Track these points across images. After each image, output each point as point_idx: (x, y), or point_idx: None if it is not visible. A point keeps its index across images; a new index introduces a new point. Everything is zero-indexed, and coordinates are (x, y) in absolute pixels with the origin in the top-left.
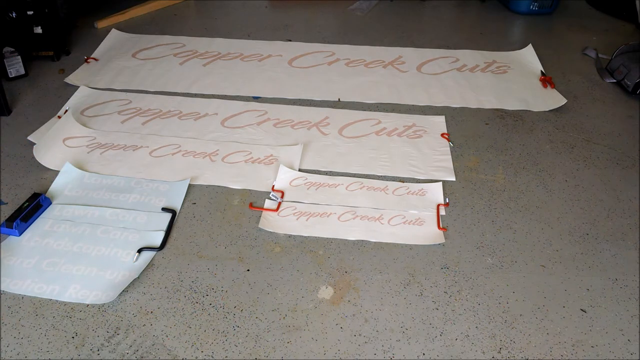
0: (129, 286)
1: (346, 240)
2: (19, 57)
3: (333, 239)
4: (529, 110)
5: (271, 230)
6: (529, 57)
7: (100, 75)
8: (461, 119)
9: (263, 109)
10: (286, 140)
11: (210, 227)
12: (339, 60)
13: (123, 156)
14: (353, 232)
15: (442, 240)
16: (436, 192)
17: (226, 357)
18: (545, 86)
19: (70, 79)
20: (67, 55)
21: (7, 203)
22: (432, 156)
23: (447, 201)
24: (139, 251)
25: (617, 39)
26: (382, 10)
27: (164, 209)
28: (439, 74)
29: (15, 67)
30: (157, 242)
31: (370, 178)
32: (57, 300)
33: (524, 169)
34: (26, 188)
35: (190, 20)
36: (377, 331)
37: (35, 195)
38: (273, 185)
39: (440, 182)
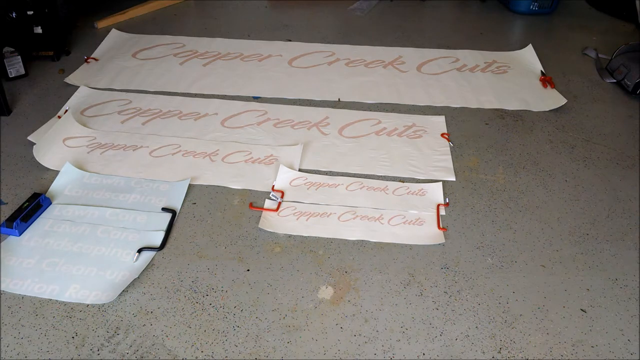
0: (129, 286)
1: (346, 240)
2: (19, 57)
3: (333, 239)
4: (529, 110)
5: (271, 230)
6: (529, 57)
7: (100, 75)
8: (461, 119)
9: (263, 109)
10: (286, 140)
11: (210, 227)
12: (339, 60)
13: (123, 156)
14: (353, 232)
15: (442, 240)
16: (436, 192)
17: (226, 357)
18: (545, 86)
19: (70, 79)
20: (67, 55)
21: (7, 203)
22: (432, 156)
23: (447, 201)
24: (139, 251)
25: (617, 39)
26: (382, 10)
27: (164, 209)
28: (439, 74)
29: (15, 67)
30: (157, 242)
31: (370, 178)
32: (57, 300)
33: (524, 169)
34: (26, 188)
35: (190, 20)
36: (377, 331)
37: (35, 195)
38: (273, 185)
39: (440, 182)
